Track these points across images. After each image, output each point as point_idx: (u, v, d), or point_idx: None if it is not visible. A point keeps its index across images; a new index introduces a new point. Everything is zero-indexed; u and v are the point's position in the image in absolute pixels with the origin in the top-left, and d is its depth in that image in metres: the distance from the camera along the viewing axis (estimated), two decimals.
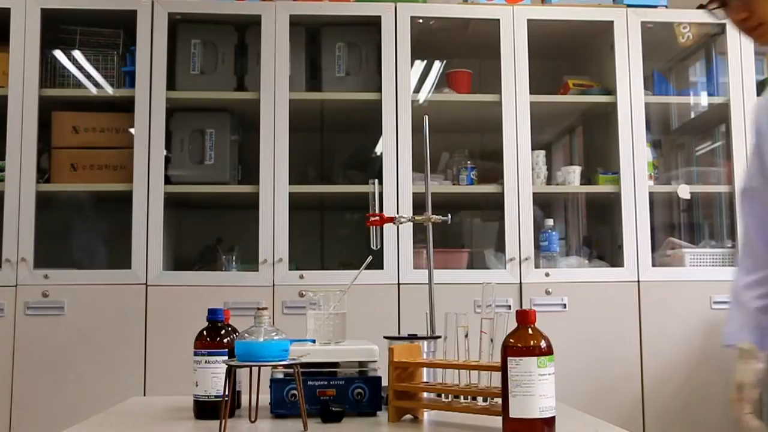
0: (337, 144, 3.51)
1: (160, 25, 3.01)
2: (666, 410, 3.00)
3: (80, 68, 3.09)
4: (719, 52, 3.30)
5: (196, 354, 1.58)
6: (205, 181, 3.09)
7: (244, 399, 1.59)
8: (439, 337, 1.59)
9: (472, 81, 3.29)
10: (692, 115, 3.41)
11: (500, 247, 3.11)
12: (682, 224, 3.39)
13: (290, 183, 2.99)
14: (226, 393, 1.36)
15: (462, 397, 1.48)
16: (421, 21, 3.14)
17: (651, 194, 3.11)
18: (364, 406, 1.54)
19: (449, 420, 1.51)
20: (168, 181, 3.01)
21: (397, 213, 2.52)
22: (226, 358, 1.54)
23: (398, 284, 2.97)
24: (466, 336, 1.47)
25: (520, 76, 3.11)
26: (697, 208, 3.40)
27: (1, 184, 2.92)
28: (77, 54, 3.09)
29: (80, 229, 3.22)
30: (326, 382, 1.54)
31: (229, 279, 2.99)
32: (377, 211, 1.92)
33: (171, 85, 3.06)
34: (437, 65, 3.33)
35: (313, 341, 1.65)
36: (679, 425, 3.00)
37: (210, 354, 1.56)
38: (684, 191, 3.17)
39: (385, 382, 1.53)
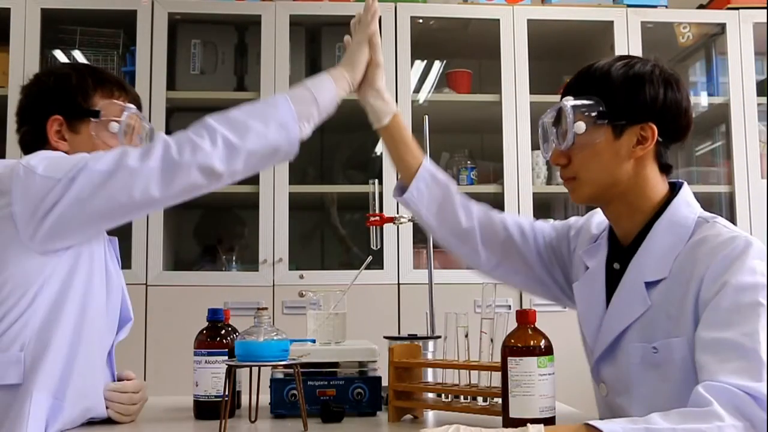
0: (337, 144, 3.51)
1: (160, 25, 3.01)
2: None
3: None
4: (719, 52, 3.29)
5: (196, 354, 1.58)
6: None
7: (244, 399, 1.59)
8: (439, 337, 1.59)
9: (472, 81, 3.29)
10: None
11: None
12: None
13: (290, 183, 2.99)
14: (226, 393, 1.36)
15: (462, 397, 1.48)
16: (421, 21, 3.14)
17: None
18: (364, 406, 1.55)
19: (449, 420, 1.51)
20: None
21: (397, 213, 2.51)
22: (226, 358, 1.54)
23: (398, 284, 2.96)
24: (466, 336, 1.47)
25: (520, 76, 3.11)
26: None
27: None
28: (77, 54, 3.09)
29: None
30: (326, 382, 1.54)
31: (229, 279, 2.99)
32: (377, 211, 1.92)
33: (171, 85, 3.05)
34: (437, 65, 3.33)
35: (313, 341, 1.65)
36: None
37: (210, 354, 1.57)
38: None
39: (385, 382, 1.53)
